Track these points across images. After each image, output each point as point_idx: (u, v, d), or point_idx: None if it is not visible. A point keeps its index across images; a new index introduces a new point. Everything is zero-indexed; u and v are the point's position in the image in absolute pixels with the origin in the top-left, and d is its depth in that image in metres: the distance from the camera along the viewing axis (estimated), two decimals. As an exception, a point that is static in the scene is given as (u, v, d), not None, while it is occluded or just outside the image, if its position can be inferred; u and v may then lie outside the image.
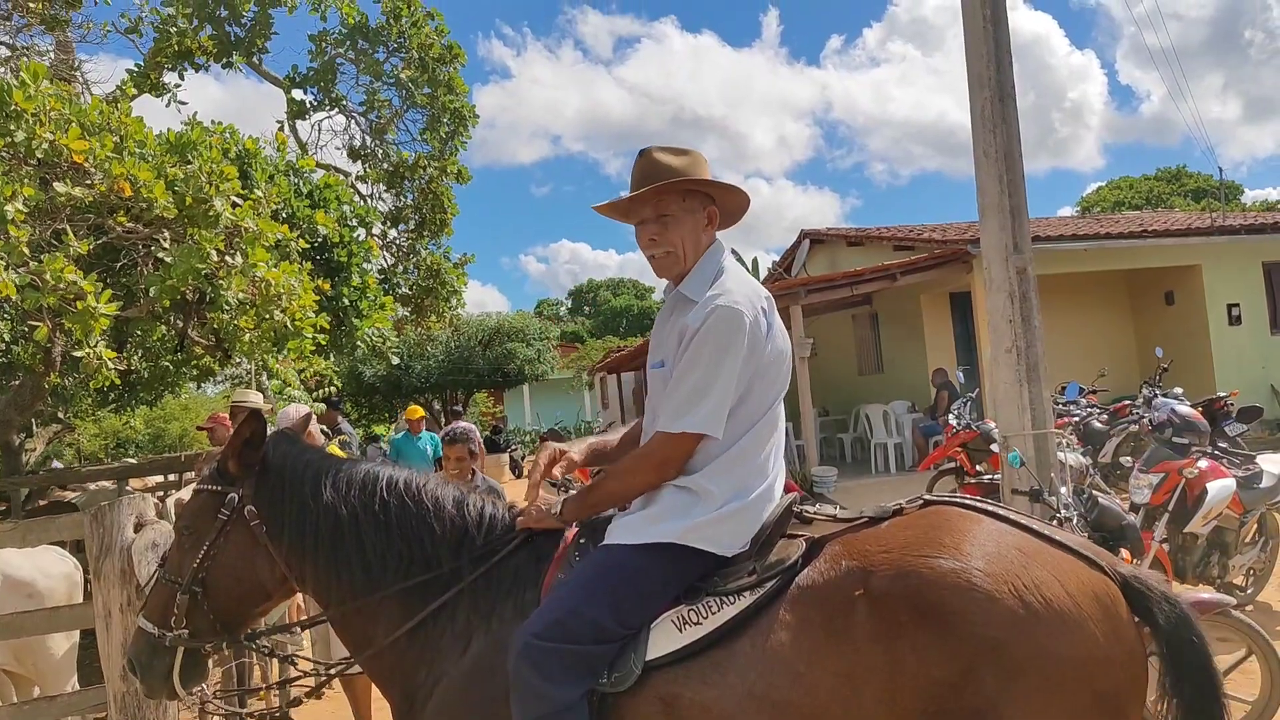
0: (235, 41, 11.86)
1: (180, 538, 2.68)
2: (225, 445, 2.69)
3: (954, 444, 10.41)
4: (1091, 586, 2.16)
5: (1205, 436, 6.42)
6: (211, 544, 2.60)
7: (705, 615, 2.27)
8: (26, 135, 5.09)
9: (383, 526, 2.56)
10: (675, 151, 2.50)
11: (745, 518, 2.37)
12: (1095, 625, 2.09)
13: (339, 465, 2.68)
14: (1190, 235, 15.43)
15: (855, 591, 2.17)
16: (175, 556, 2.69)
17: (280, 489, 2.62)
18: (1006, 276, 6.14)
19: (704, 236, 2.52)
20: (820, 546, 2.35)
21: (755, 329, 2.36)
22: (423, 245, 13.62)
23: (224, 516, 2.61)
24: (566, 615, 2.25)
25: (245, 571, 2.63)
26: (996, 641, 2.04)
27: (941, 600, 2.09)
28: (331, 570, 2.57)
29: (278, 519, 2.60)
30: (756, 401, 2.42)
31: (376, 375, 25.14)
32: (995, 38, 6.34)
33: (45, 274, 4.87)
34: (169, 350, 9.18)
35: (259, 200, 6.69)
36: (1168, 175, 47.77)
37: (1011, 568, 2.13)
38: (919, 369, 15.64)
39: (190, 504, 2.72)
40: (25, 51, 8.51)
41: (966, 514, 2.32)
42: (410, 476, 2.67)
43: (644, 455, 2.43)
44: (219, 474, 2.68)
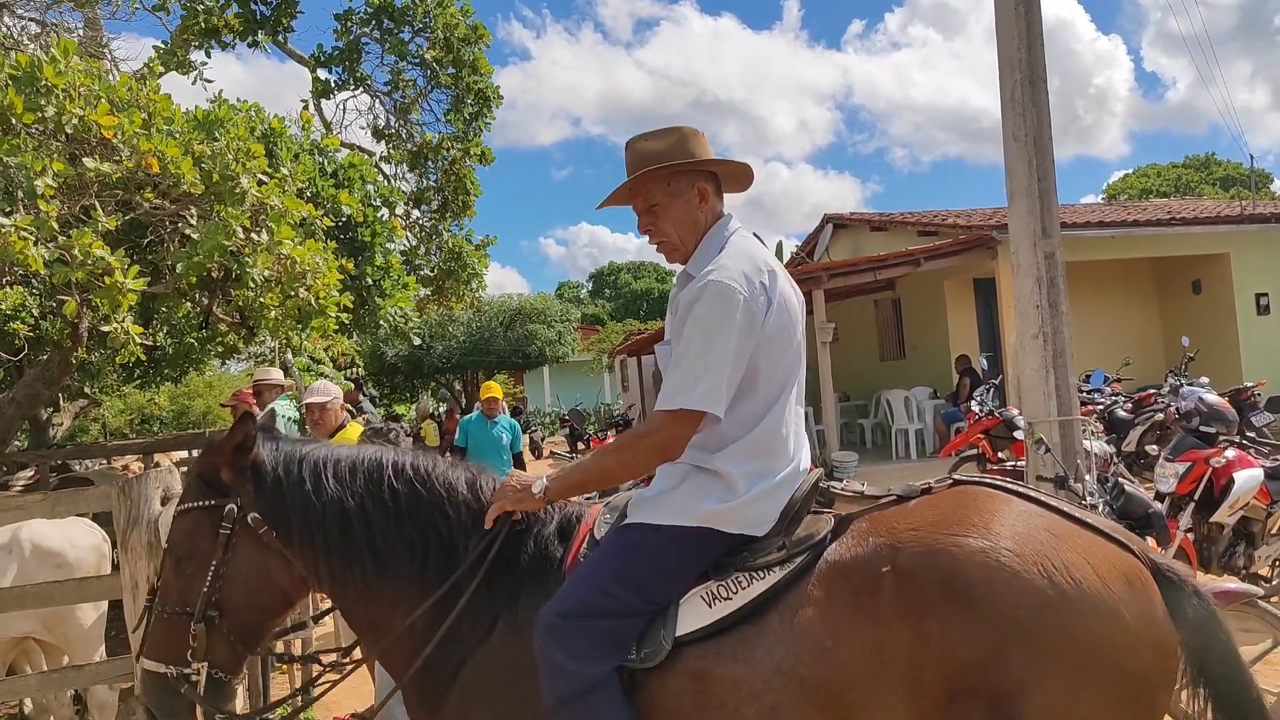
0: (261, 20, 11.87)
1: (177, 565, 2.48)
2: (209, 455, 2.51)
3: (976, 431, 10.38)
4: (1123, 569, 2.14)
5: (1233, 426, 6.36)
6: (219, 563, 2.44)
7: (735, 591, 2.25)
8: (57, 111, 5.12)
9: (393, 514, 2.47)
10: (659, 135, 2.47)
11: (772, 498, 2.34)
12: (1125, 608, 2.07)
13: (338, 454, 2.57)
14: (1219, 223, 15.25)
15: (883, 568, 2.16)
16: (175, 586, 2.47)
17: (281, 489, 2.49)
18: (1035, 261, 6.09)
19: (700, 214, 2.47)
20: (848, 523, 2.35)
21: (751, 304, 2.28)
22: (445, 227, 13.63)
23: (226, 530, 2.45)
24: (591, 593, 2.24)
25: (262, 583, 2.50)
26: (1025, 623, 2.02)
27: (970, 579, 2.07)
28: (345, 563, 2.46)
29: (285, 520, 2.47)
30: (767, 379, 2.36)
31: (398, 355, 25.25)
32: (1027, 19, 6.27)
33: (74, 249, 4.91)
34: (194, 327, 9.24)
35: (284, 178, 6.70)
36: (1196, 163, 47.23)
37: (1041, 548, 2.11)
38: (941, 355, 15.56)
39: (180, 526, 2.52)
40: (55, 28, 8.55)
41: (996, 494, 2.30)
42: (418, 460, 2.57)
43: (644, 434, 2.36)
44: (208, 486, 2.50)
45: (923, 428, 14.38)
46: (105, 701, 4.86)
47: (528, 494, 2.40)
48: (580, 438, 23.38)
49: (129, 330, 5.33)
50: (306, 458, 2.53)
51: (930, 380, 15.37)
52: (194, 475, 2.56)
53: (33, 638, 4.94)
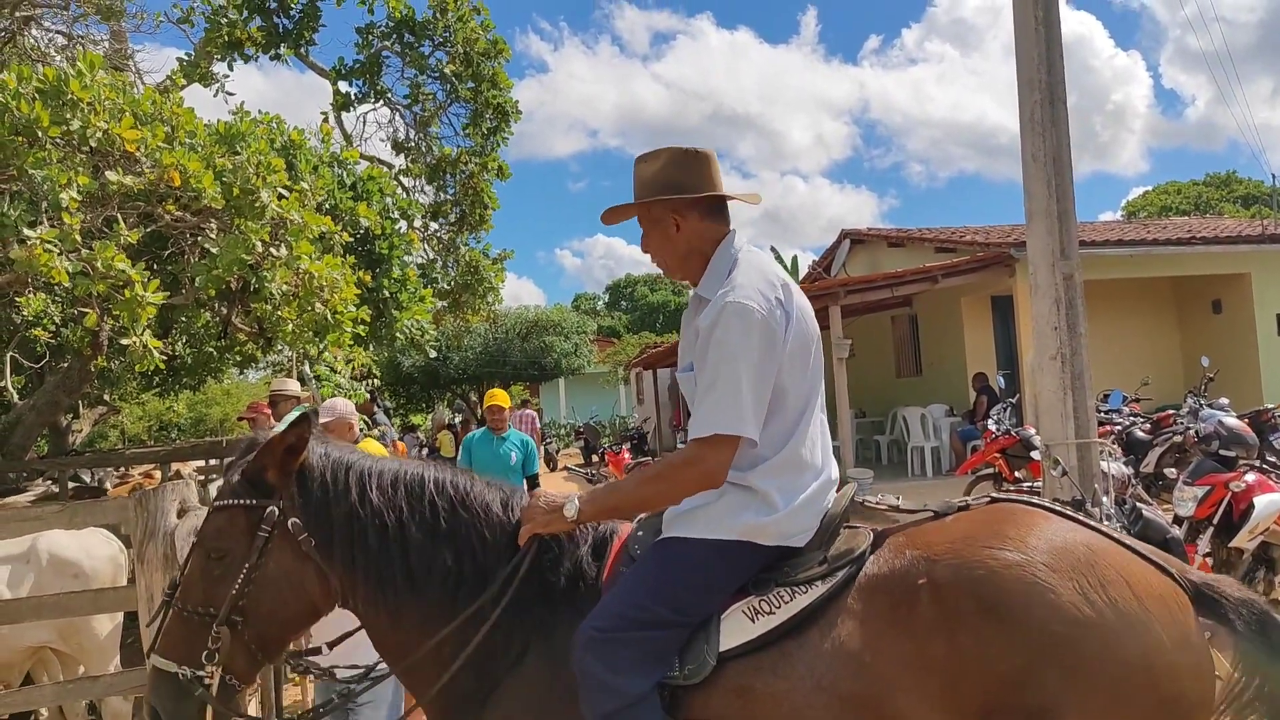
0: (284, 33, 11.98)
1: (206, 563, 2.38)
2: (260, 453, 2.41)
3: (993, 450, 10.31)
4: (1160, 591, 2.15)
5: (1253, 450, 6.30)
6: (252, 566, 2.34)
7: (777, 605, 2.24)
8: (82, 124, 5.18)
9: (432, 531, 2.42)
10: (651, 157, 2.47)
11: (809, 510, 2.35)
12: (1162, 629, 2.08)
13: (383, 467, 2.50)
14: (1239, 243, 15.13)
15: (919, 581, 2.16)
16: (200, 584, 2.37)
17: (327, 496, 2.41)
18: (1053, 282, 6.07)
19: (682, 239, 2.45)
20: (884, 537, 2.37)
21: (770, 322, 2.26)
22: (462, 240, 13.69)
23: (264, 533, 2.35)
24: (629, 608, 2.22)
25: (293, 592, 2.39)
26: (1060, 639, 2.02)
27: (1005, 592, 2.07)
28: (380, 579, 2.40)
29: (327, 530, 2.40)
30: (794, 395, 2.36)
31: (415, 366, 25.34)
32: (1047, 39, 6.26)
33: (96, 261, 4.96)
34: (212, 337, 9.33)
35: (304, 192, 6.75)
36: (1217, 181, 46.96)
37: (1078, 565, 2.12)
38: (958, 373, 15.49)
39: (214, 522, 2.42)
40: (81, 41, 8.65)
41: (1034, 511, 2.33)
42: (456, 477, 2.52)
43: (682, 464, 2.32)
44: (251, 485, 2.40)
45: (939, 445, 14.31)
46: (120, 711, 4.88)
47: (558, 516, 2.36)
48: (595, 450, 23.38)
49: (147, 343, 5.37)
50: (353, 467, 2.46)
51: (947, 397, 15.30)
52: (238, 472, 2.44)
53: (49, 647, 4.97)
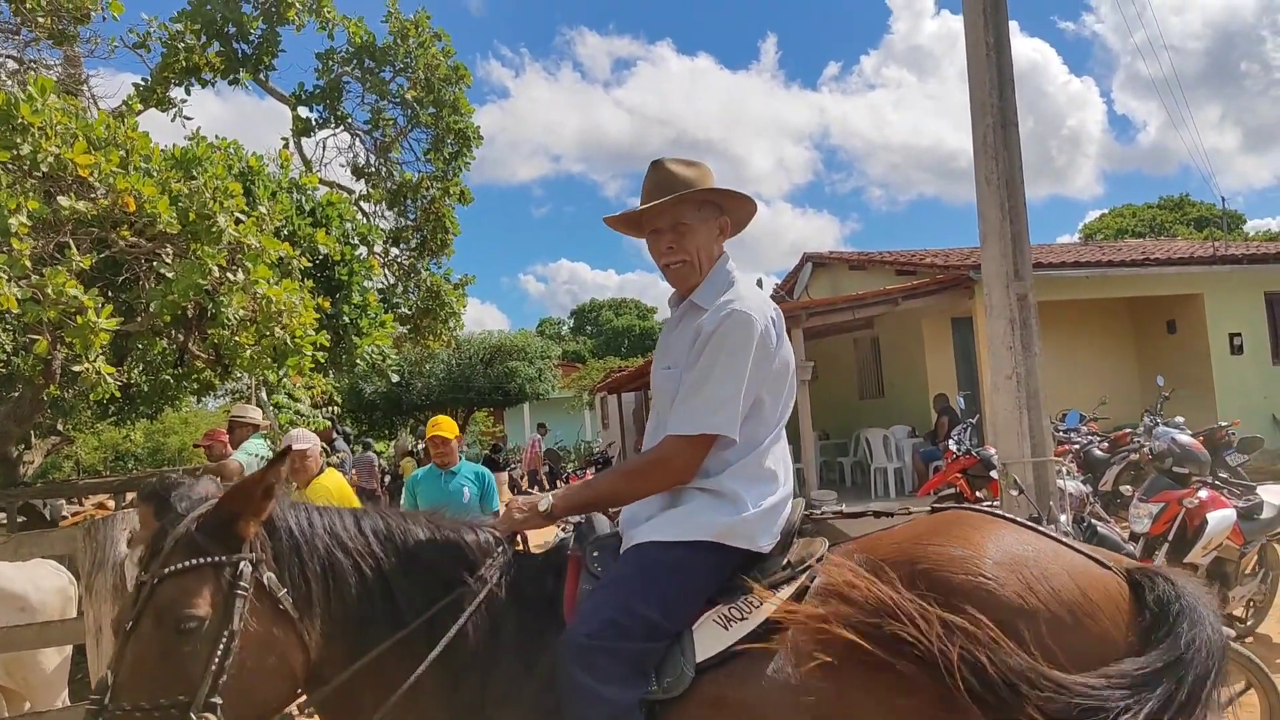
0: (243, 58, 11.93)
1: (170, 640, 1.99)
2: (231, 498, 2.11)
3: (954, 470, 10.40)
4: (1102, 583, 2.23)
5: (1206, 466, 6.40)
6: (232, 633, 2.01)
7: (749, 611, 2.27)
8: (32, 149, 5.11)
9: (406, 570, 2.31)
10: (687, 163, 2.54)
11: (774, 515, 2.41)
12: (1106, 619, 2.16)
13: (338, 509, 2.41)
14: (1192, 264, 15.45)
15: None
16: (163, 669, 1.98)
17: (298, 544, 2.22)
18: (1007, 303, 6.15)
19: (716, 247, 2.56)
20: (838, 544, 2.47)
21: (766, 337, 2.39)
22: (424, 265, 13.65)
23: (240, 593, 2.04)
24: (618, 613, 2.20)
25: (276, 661, 2.10)
26: (1008, 629, 2.06)
27: (952, 585, 2.15)
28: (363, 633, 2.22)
29: (303, 583, 2.18)
30: (769, 411, 2.46)
31: (377, 392, 25.15)
32: (998, 65, 6.37)
33: (47, 288, 4.88)
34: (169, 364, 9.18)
35: (262, 217, 6.71)
36: (1170, 204, 47.88)
37: (1021, 559, 2.22)
38: (920, 394, 15.63)
39: (176, 589, 2.01)
40: (33, 65, 8.55)
41: (980, 515, 2.45)
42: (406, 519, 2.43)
43: (657, 459, 2.39)
44: (214, 538, 2.08)
45: (902, 466, 14.40)
46: (68, 748, 4.76)
47: (534, 513, 2.42)
48: (558, 475, 23.29)
49: (100, 370, 5.28)
50: (313, 516, 2.30)
51: (909, 418, 15.42)
52: (193, 522, 2.09)
53: (-6, 683, 4.84)
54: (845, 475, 16.33)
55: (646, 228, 2.57)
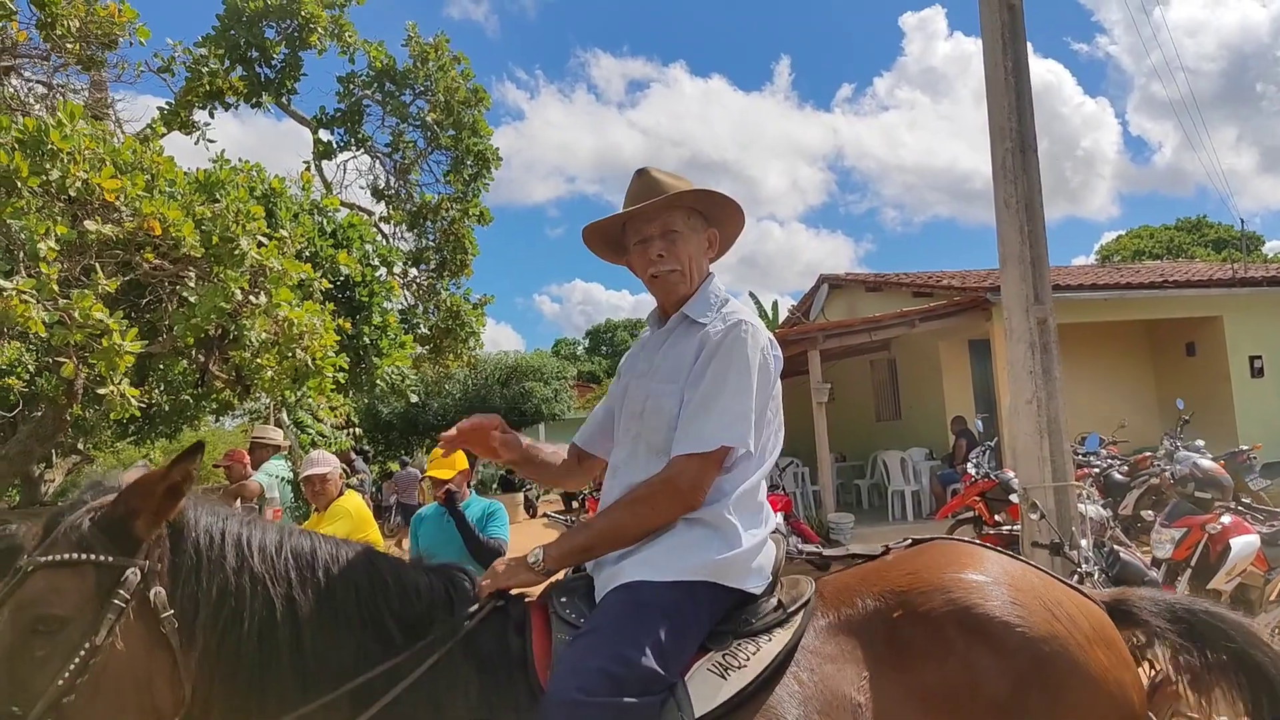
0: (265, 82, 12.08)
1: (22, 640, 1.73)
2: (130, 494, 1.84)
3: (972, 493, 10.33)
4: (1094, 612, 2.22)
5: (1228, 491, 6.34)
6: (94, 647, 1.72)
7: (745, 658, 2.05)
8: (61, 174, 5.19)
9: (331, 614, 1.98)
10: (672, 175, 2.39)
11: (765, 554, 2.24)
12: (1108, 648, 2.14)
13: (263, 529, 2.04)
14: (1211, 286, 15.36)
15: (894, 614, 2.11)
16: (3, 670, 1.71)
17: (199, 564, 1.89)
18: (1027, 327, 6.13)
19: (705, 261, 2.41)
20: (829, 582, 2.32)
21: (768, 354, 2.26)
22: (443, 286, 13.75)
23: (120, 603, 1.75)
24: (610, 663, 1.91)
25: (135, 694, 1.77)
26: (1043, 655, 2.03)
27: (988, 613, 2.07)
28: (262, 680, 1.88)
29: (192, 609, 1.85)
30: (767, 436, 2.29)
31: (394, 413, 25.22)
32: (1016, 89, 6.39)
33: (74, 311, 4.94)
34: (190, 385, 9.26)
35: (284, 240, 6.78)
36: (1188, 225, 47.69)
37: (1035, 586, 2.19)
38: (937, 416, 15.56)
39: (45, 583, 1.76)
40: (61, 90, 8.69)
41: (969, 545, 2.38)
42: (343, 549, 2.11)
43: (665, 481, 2.14)
44: (107, 535, 1.82)
45: (919, 489, 14.33)
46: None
47: (522, 567, 2.15)
48: (574, 498, 23.25)
49: (124, 392, 5.34)
50: (229, 526, 1.98)
51: (926, 441, 15.36)
52: (90, 517, 1.84)
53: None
54: (862, 497, 16.27)
55: (632, 239, 2.38)
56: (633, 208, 2.32)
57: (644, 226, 2.34)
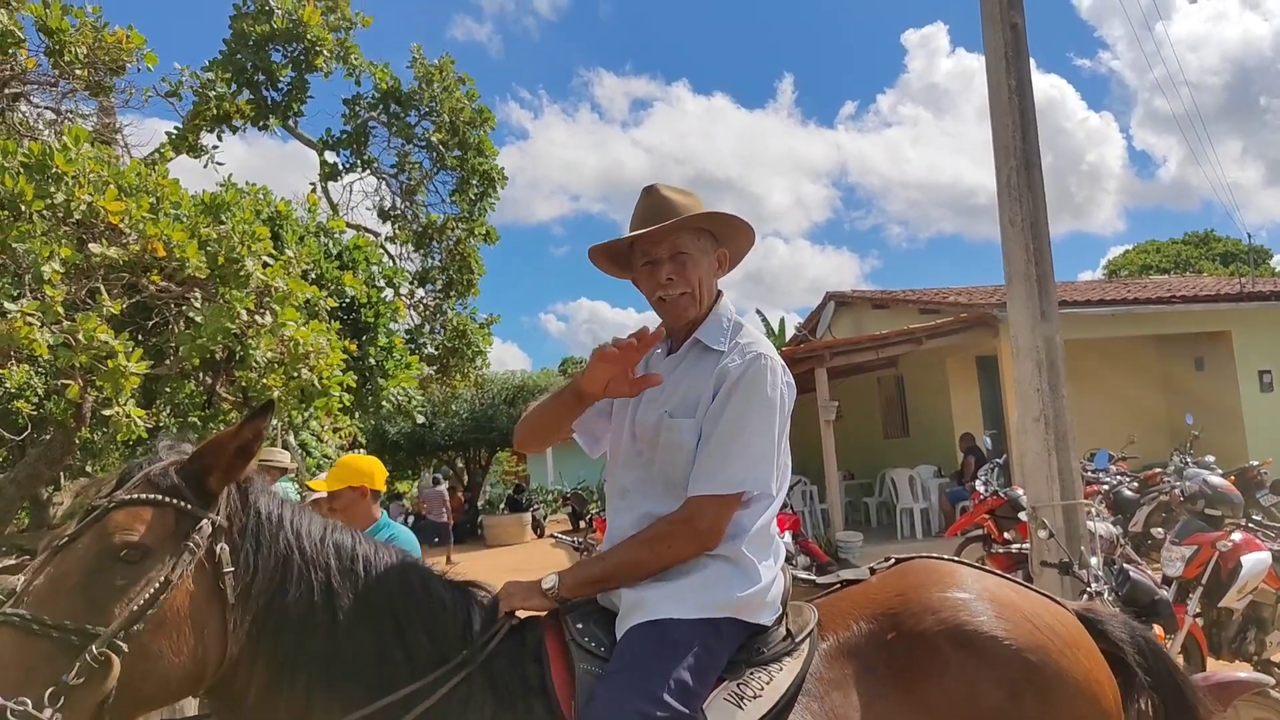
0: (272, 105, 12.16)
1: (104, 564, 1.78)
2: (206, 450, 1.94)
3: (981, 511, 10.28)
4: (1068, 618, 2.34)
5: (1238, 508, 6.29)
6: (166, 582, 1.79)
7: (760, 688, 2.08)
8: (66, 197, 5.21)
9: (365, 607, 2.03)
10: (682, 191, 2.36)
11: (777, 586, 2.27)
12: (1085, 652, 2.26)
13: (309, 517, 2.11)
14: (1220, 301, 15.32)
15: (887, 636, 2.19)
16: (81, 591, 1.75)
17: (261, 528, 1.98)
18: (1034, 344, 6.11)
19: (714, 282, 2.37)
20: (823, 607, 2.36)
21: (785, 390, 2.23)
22: (450, 305, 13.78)
23: (191, 549, 1.84)
24: (646, 703, 1.92)
25: (191, 639, 1.83)
26: (1032, 664, 2.13)
27: (978, 629, 2.17)
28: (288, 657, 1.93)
29: (250, 570, 1.93)
30: (781, 469, 2.28)
31: (400, 433, 25.22)
32: (1020, 107, 6.39)
33: (78, 333, 4.95)
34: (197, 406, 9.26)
35: (289, 261, 6.79)
36: (1196, 239, 47.60)
37: (1013, 599, 2.29)
38: (945, 433, 15.51)
39: (132, 515, 1.83)
40: (70, 116, 8.75)
41: (944, 562, 2.45)
42: (381, 550, 2.15)
43: (685, 522, 2.14)
44: (190, 486, 1.91)
45: (928, 506, 14.27)
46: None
47: (535, 592, 2.16)
48: (582, 517, 23.21)
49: (130, 414, 5.34)
50: (285, 503, 2.08)
51: (935, 458, 15.30)
52: (170, 468, 1.93)
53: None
54: (871, 515, 16.20)
55: (639, 259, 2.33)
56: (640, 231, 2.28)
57: (652, 248, 2.30)
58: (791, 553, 9.52)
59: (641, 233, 2.27)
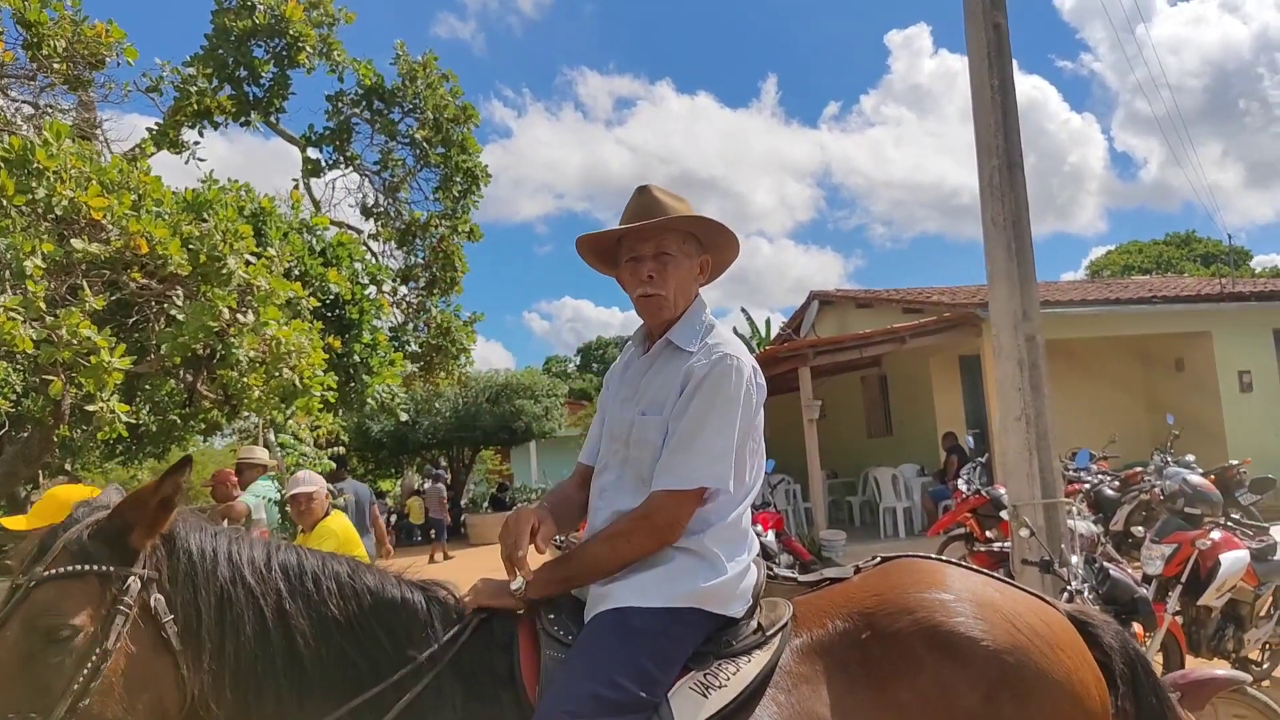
0: (254, 101, 12.07)
1: (36, 649, 1.80)
2: (125, 507, 1.94)
3: (963, 509, 10.34)
4: (1056, 618, 2.34)
5: (1218, 507, 6.35)
6: (103, 651, 1.82)
7: (726, 678, 2.13)
8: (47, 192, 5.17)
9: (320, 623, 2.05)
10: (673, 195, 2.40)
11: (747, 580, 2.30)
12: (1070, 651, 2.25)
13: (250, 541, 2.14)
14: (1200, 301, 15.45)
15: (861, 636, 2.20)
16: (19, 681, 1.78)
17: (195, 569, 1.98)
18: (1015, 344, 6.15)
19: (694, 286, 2.42)
20: (802, 604, 2.38)
21: (752, 387, 2.29)
22: (433, 303, 13.74)
23: (123, 611, 1.86)
24: (600, 685, 1.99)
25: (144, 695, 1.87)
26: (1008, 665, 2.13)
27: (953, 630, 2.16)
28: (254, 684, 1.98)
29: (190, 615, 1.95)
30: (747, 470, 2.33)
31: (384, 431, 25.14)
32: (1003, 107, 6.42)
33: (61, 329, 4.92)
34: (177, 404, 9.20)
35: (272, 258, 6.75)
36: (1177, 240, 47.95)
37: (995, 600, 2.28)
38: (928, 432, 15.58)
39: (52, 594, 1.84)
40: (48, 110, 8.67)
41: (930, 562, 2.46)
42: (329, 561, 2.18)
43: (644, 517, 2.20)
44: (107, 546, 1.91)
45: (911, 505, 14.33)
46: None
47: (504, 592, 2.21)
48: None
49: (114, 409, 5.31)
50: (220, 537, 2.08)
51: (918, 457, 15.37)
52: (85, 530, 1.92)
53: None
54: (854, 515, 16.26)
55: (625, 255, 2.39)
56: (628, 226, 2.34)
57: (638, 245, 2.36)
58: (774, 551, 9.54)
59: (629, 228, 2.34)
